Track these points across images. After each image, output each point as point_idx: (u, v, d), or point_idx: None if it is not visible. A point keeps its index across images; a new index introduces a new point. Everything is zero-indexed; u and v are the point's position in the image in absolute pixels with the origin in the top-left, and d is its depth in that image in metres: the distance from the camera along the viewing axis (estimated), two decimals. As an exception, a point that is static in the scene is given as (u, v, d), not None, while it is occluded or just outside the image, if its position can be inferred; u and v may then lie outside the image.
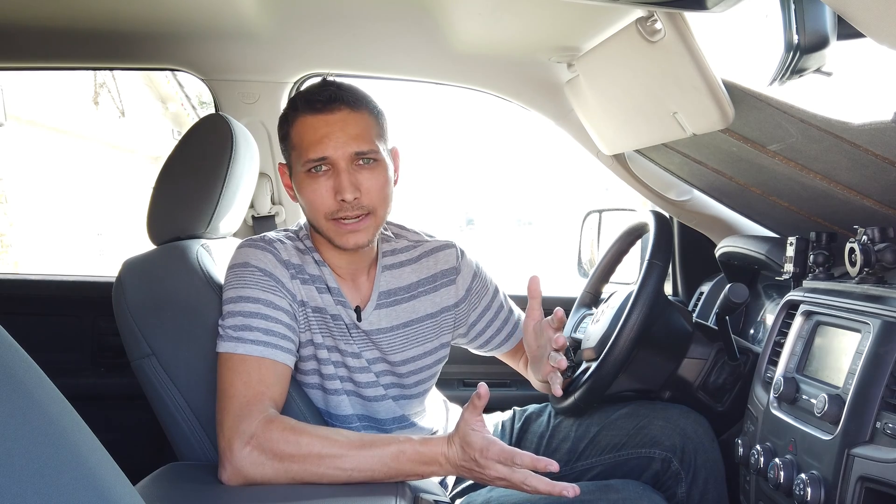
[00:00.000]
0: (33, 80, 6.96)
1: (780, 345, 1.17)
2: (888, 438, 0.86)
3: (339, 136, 1.07)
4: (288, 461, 0.97)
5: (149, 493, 0.96)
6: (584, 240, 2.04)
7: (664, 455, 1.24)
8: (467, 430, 0.96)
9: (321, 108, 1.08)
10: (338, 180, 1.07)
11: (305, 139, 1.08)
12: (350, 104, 1.08)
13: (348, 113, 1.08)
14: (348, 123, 1.07)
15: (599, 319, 1.41)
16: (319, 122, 1.07)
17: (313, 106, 1.08)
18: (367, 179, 1.09)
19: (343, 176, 1.07)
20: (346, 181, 1.06)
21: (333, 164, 1.07)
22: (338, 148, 1.07)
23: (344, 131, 1.07)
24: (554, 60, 1.56)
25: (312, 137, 1.07)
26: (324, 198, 1.08)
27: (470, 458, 0.96)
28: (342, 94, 1.09)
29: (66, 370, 1.85)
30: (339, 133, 1.07)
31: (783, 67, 1.00)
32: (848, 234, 1.07)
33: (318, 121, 1.07)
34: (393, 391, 1.22)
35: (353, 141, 1.07)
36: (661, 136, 1.36)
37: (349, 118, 1.08)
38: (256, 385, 1.03)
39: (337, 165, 1.07)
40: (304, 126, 1.09)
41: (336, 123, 1.07)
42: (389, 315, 1.20)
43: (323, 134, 1.07)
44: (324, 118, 1.07)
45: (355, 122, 1.08)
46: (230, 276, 1.11)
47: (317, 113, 1.08)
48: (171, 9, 1.46)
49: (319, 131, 1.07)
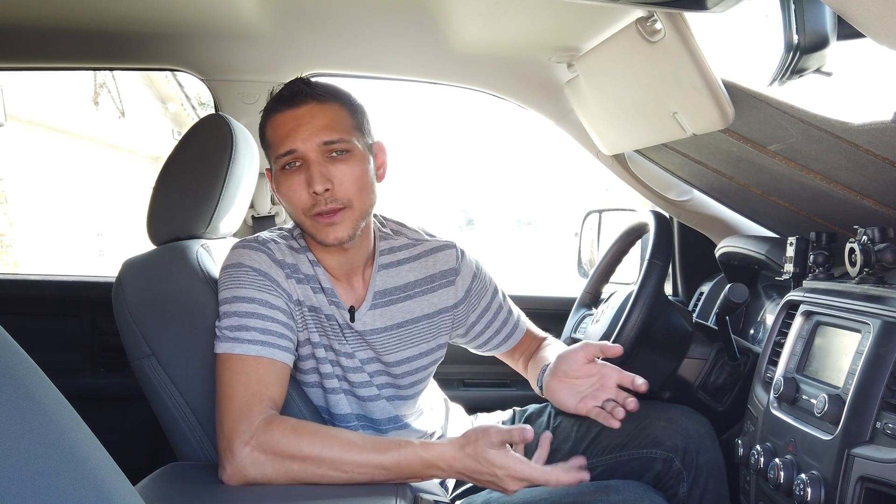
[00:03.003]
0: (33, 80, 6.96)
1: (780, 345, 1.17)
2: (888, 438, 0.86)
3: (307, 127, 1.08)
4: (288, 461, 0.97)
5: (149, 493, 0.96)
6: (584, 240, 2.04)
7: (666, 455, 1.24)
8: (489, 449, 0.98)
9: (288, 104, 1.10)
10: (308, 173, 1.08)
11: (276, 135, 1.10)
12: (316, 97, 1.10)
13: (315, 105, 1.09)
14: (315, 115, 1.09)
15: (599, 319, 1.41)
16: (287, 117, 1.09)
17: (282, 102, 1.11)
18: (339, 171, 1.09)
19: (313, 168, 1.08)
20: (315, 173, 1.07)
21: (304, 157, 1.09)
22: (305, 140, 1.08)
23: (311, 123, 1.08)
24: (554, 60, 1.56)
25: (281, 132, 1.09)
26: (298, 193, 1.09)
27: (488, 472, 0.98)
28: (308, 88, 1.11)
29: (66, 370, 1.85)
30: (307, 125, 1.08)
31: (783, 67, 1.00)
32: (848, 234, 1.07)
33: (286, 116, 1.10)
34: (387, 391, 1.22)
35: (320, 131, 1.08)
36: (661, 136, 1.36)
37: (316, 110, 1.09)
38: (255, 385, 1.03)
39: (307, 158, 1.08)
40: (275, 123, 1.11)
41: (303, 116, 1.09)
42: (384, 315, 1.20)
43: (290, 128, 1.09)
44: (291, 113, 1.09)
45: (322, 113, 1.09)
46: (224, 277, 1.11)
47: (285, 109, 1.10)
48: (171, 9, 1.46)
49: (287, 125, 1.09)
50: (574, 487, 1.19)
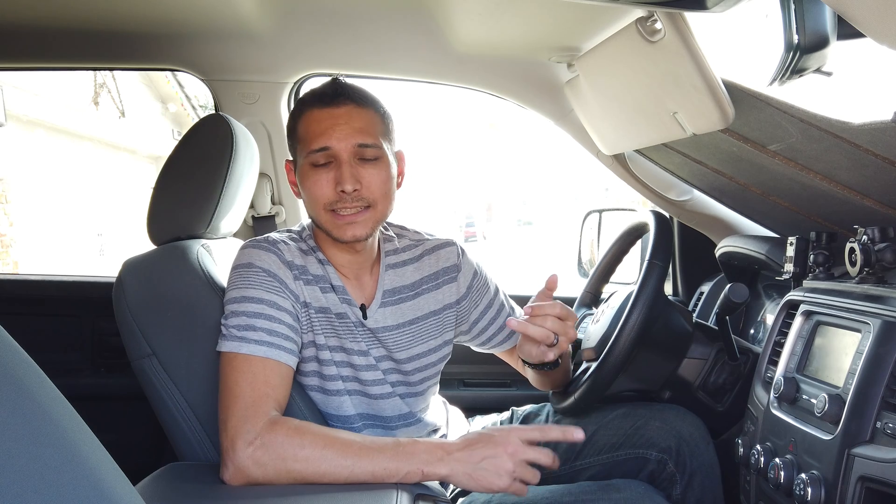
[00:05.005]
0: (33, 80, 6.97)
1: (780, 345, 1.17)
2: (888, 438, 0.86)
3: (343, 128, 1.10)
4: (291, 461, 0.98)
5: (149, 493, 0.96)
6: (584, 240, 2.04)
7: (660, 456, 1.25)
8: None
9: (328, 102, 1.11)
10: (339, 172, 1.10)
11: (311, 131, 1.11)
12: (355, 100, 1.12)
13: (353, 108, 1.11)
14: (353, 117, 1.11)
15: (599, 319, 1.41)
16: (325, 114, 1.11)
17: (320, 100, 1.12)
18: (368, 174, 1.11)
19: (344, 168, 1.10)
20: (347, 173, 1.09)
21: (336, 156, 1.10)
22: (341, 139, 1.09)
23: (348, 124, 1.10)
24: (554, 60, 1.56)
25: (317, 129, 1.11)
26: (324, 188, 1.11)
27: (487, 445, 1.00)
28: (348, 90, 1.13)
29: (66, 370, 1.85)
30: (343, 125, 1.10)
31: (783, 67, 1.00)
32: (848, 234, 1.07)
33: (323, 114, 1.11)
34: (400, 389, 1.23)
35: (356, 133, 1.10)
36: (661, 136, 1.36)
37: (354, 112, 1.11)
38: (261, 386, 1.04)
39: (339, 157, 1.10)
40: (310, 119, 1.12)
41: (341, 116, 1.10)
42: (395, 313, 1.21)
43: (327, 125, 1.10)
44: (329, 111, 1.11)
45: (360, 116, 1.11)
46: (234, 277, 1.12)
47: (323, 106, 1.11)
48: (171, 9, 1.46)
49: (324, 123, 1.11)
50: (575, 486, 1.20)
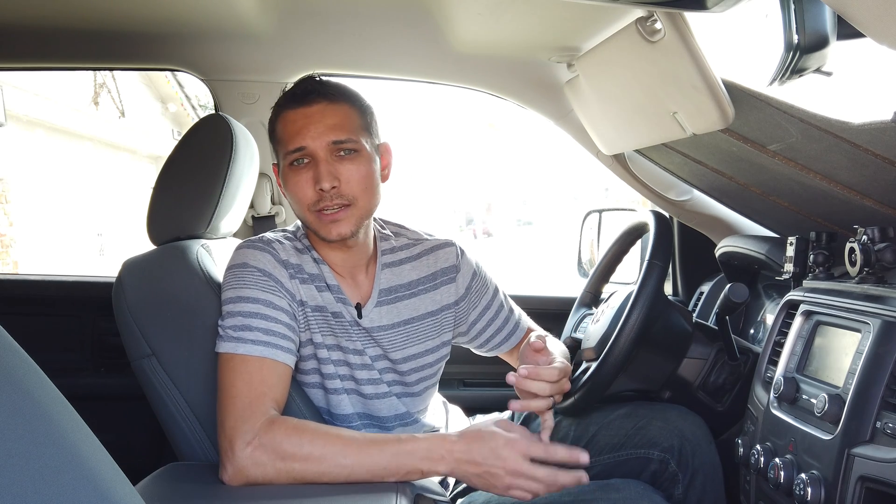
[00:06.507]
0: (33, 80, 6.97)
1: (780, 345, 1.17)
2: (888, 438, 0.86)
3: (317, 126, 1.10)
4: (290, 461, 0.98)
5: (149, 493, 0.96)
6: (584, 240, 2.04)
7: (662, 456, 1.24)
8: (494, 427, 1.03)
9: (300, 101, 1.12)
10: (316, 170, 1.10)
11: (286, 132, 1.12)
12: (328, 97, 1.12)
13: (326, 105, 1.11)
14: (326, 115, 1.11)
15: (599, 319, 1.41)
16: (298, 114, 1.11)
17: (293, 99, 1.12)
18: (346, 170, 1.11)
19: (322, 166, 1.10)
20: (323, 171, 1.09)
21: (312, 154, 1.10)
22: (315, 138, 1.10)
23: (321, 122, 1.10)
24: (554, 60, 1.56)
25: (292, 129, 1.11)
26: (304, 189, 1.11)
27: (488, 450, 1.00)
28: (320, 87, 1.13)
29: (66, 370, 1.85)
30: (317, 123, 1.10)
31: (783, 67, 1.00)
32: (848, 233, 1.07)
33: (296, 114, 1.11)
34: (396, 388, 1.23)
35: (330, 131, 1.10)
36: (661, 136, 1.36)
37: (327, 109, 1.11)
38: (259, 386, 1.04)
39: (316, 156, 1.10)
40: (285, 120, 1.13)
41: (314, 115, 1.11)
42: (391, 312, 1.21)
43: (301, 125, 1.10)
44: (302, 111, 1.11)
45: (333, 113, 1.11)
46: (228, 277, 1.12)
47: (297, 106, 1.12)
48: (171, 9, 1.46)
49: (298, 123, 1.11)
50: (575, 486, 1.20)
